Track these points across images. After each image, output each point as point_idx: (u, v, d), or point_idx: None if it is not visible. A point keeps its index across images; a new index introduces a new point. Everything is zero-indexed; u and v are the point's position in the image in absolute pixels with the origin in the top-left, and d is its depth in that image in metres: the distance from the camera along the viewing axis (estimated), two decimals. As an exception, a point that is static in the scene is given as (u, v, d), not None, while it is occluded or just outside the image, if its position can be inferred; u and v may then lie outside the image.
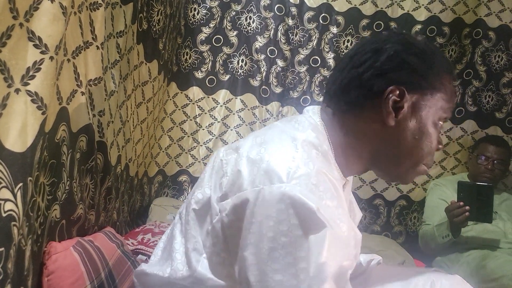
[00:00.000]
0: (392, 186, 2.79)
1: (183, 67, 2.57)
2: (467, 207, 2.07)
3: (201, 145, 2.66)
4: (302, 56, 2.66)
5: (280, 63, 2.61)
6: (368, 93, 0.97)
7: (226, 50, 2.60)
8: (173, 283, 1.03)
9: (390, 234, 2.82)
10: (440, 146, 1.03)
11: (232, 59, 2.61)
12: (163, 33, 2.06)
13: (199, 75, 2.59)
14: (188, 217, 1.02)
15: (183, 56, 2.55)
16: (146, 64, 1.98)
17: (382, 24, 2.61)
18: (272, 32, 2.58)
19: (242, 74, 2.63)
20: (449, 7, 2.63)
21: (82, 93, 1.24)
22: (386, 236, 2.78)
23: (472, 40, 2.74)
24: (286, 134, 0.97)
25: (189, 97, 2.59)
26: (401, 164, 1.01)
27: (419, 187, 2.81)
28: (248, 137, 1.01)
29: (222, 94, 2.62)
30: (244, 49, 2.61)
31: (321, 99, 2.57)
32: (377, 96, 0.97)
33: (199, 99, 2.61)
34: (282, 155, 0.89)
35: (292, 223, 0.83)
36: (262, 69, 2.61)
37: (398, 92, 0.95)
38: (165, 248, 1.11)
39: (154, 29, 1.94)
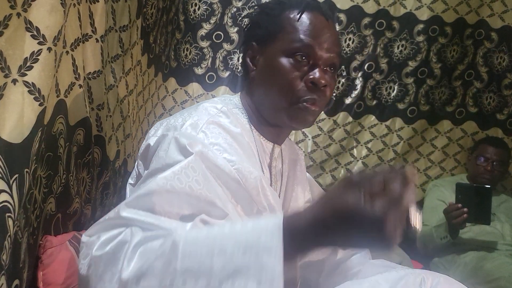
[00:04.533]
0: (391, 186, 2.78)
1: (183, 62, 2.55)
2: (465, 209, 2.07)
3: (200, 142, 2.63)
4: (303, 54, 2.64)
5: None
6: (243, 58, 1.17)
7: (226, 46, 2.58)
8: None
9: (388, 234, 2.79)
10: (311, 78, 1.07)
11: (233, 56, 2.59)
12: (154, 26, 2.04)
13: (199, 71, 2.57)
14: (127, 190, 1.13)
15: (183, 52, 2.53)
16: (139, 61, 1.96)
17: (384, 23, 2.60)
18: (273, 29, 2.56)
19: (242, 71, 2.60)
20: (451, 7, 2.62)
21: (80, 86, 1.23)
22: (384, 236, 2.76)
23: (474, 40, 2.73)
24: (195, 105, 1.13)
25: (189, 93, 2.58)
26: (274, 107, 1.10)
27: (418, 187, 2.80)
28: None
29: (222, 91, 2.60)
30: (245, 46, 2.59)
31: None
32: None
33: (198, 95, 2.59)
34: (182, 114, 1.04)
35: (168, 155, 0.92)
36: (262, 66, 2.59)
37: (251, 48, 1.13)
38: None
39: (148, 23, 1.93)
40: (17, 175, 0.86)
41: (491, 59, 2.75)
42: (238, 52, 2.58)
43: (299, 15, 1.08)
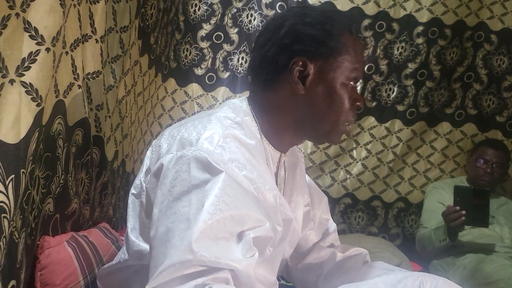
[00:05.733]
0: (391, 188, 2.79)
1: (183, 63, 2.55)
2: (464, 212, 2.06)
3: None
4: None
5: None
6: (276, 68, 1.06)
7: (226, 47, 2.58)
8: (123, 268, 1.07)
9: (387, 236, 2.81)
10: (358, 104, 1.08)
11: (232, 57, 2.59)
12: (155, 27, 2.04)
13: (199, 72, 2.57)
14: (129, 201, 1.08)
15: (183, 52, 2.53)
16: (137, 60, 1.96)
17: (384, 25, 2.60)
18: (273, 30, 2.56)
19: (242, 71, 2.61)
20: (451, 9, 2.62)
21: (79, 86, 1.23)
22: (383, 238, 2.77)
23: (474, 43, 2.72)
24: (205, 113, 1.07)
25: (188, 94, 2.58)
26: (320, 126, 1.08)
27: (417, 189, 2.80)
28: (176, 123, 1.11)
29: (222, 92, 2.61)
30: (245, 47, 2.59)
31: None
32: (285, 70, 1.05)
33: (198, 96, 2.59)
34: (196, 127, 0.98)
35: (192, 175, 0.89)
36: (262, 68, 2.59)
37: (300, 62, 1.04)
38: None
39: (147, 23, 1.93)
40: (13, 176, 0.86)
41: (490, 61, 2.74)
42: (238, 53, 2.59)
43: (355, 38, 1.08)
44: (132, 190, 1.08)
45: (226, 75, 2.61)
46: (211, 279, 0.81)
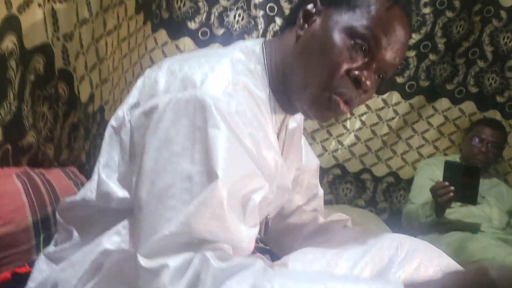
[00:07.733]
0: (382, 162, 2.72)
1: (176, 14, 2.42)
2: (452, 188, 1.99)
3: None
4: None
5: (278, 22, 2.48)
6: (294, 12, 0.98)
7: (222, 2, 2.46)
8: (86, 206, 0.95)
9: (374, 210, 2.76)
10: (356, 74, 0.91)
11: (229, 13, 2.47)
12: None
13: (192, 25, 2.45)
14: (106, 134, 0.95)
15: (177, 3, 2.41)
16: (122, 0, 1.84)
17: None
18: (273, -14, 2.45)
19: (237, 29, 2.50)
20: (462, -21, 2.51)
21: (39, 5, 1.12)
22: (370, 211, 2.71)
23: (482, 17, 2.61)
24: (214, 51, 0.97)
25: (180, 48, 2.47)
26: (308, 80, 0.94)
27: (409, 165, 2.74)
28: (177, 56, 0.95)
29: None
30: (242, 3, 2.47)
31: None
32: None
33: (190, 51, 2.48)
34: (202, 66, 0.85)
35: (195, 125, 0.79)
36: (260, 27, 2.49)
37: (312, 3, 0.95)
38: None
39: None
40: None
41: (497, 38, 2.63)
42: (235, 9, 2.47)
43: (388, 6, 0.92)
44: (112, 122, 0.94)
45: (220, 31, 2.49)
46: (211, 249, 0.76)
